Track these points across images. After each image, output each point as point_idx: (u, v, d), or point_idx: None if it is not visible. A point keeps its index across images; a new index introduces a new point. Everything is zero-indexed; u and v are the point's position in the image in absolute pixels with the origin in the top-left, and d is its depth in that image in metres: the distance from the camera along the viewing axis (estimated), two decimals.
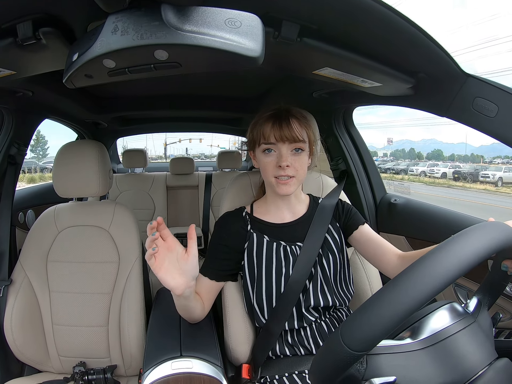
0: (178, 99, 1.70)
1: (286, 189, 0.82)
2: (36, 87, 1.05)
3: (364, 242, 0.91)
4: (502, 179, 15.00)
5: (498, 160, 19.31)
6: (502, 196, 12.54)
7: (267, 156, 0.84)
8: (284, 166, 0.80)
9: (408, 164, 20.66)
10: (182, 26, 0.45)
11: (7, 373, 1.04)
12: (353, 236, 0.92)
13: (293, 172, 0.82)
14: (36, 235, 1.11)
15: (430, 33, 0.64)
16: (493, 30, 48.44)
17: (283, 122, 0.81)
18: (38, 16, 0.57)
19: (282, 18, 0.60)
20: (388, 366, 0.45)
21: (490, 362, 0.46)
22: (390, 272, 0.87)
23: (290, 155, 0.82)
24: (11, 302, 1.03)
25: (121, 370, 1.08)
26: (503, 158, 20.44)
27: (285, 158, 0.81)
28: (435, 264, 0.42)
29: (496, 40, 30.23)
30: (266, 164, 0.84)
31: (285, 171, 0.81)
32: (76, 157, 1.11)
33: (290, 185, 0.82)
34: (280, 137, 0.81)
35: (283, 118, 0.82)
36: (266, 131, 0.82)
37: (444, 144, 45.26)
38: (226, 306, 0.92)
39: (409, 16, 0.60)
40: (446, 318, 0.50)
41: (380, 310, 0.41)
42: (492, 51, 52.51)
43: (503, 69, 30.99)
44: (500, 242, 0.46)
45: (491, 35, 48.14)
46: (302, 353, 0.86)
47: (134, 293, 1.07)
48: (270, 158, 0.83)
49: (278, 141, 0.81)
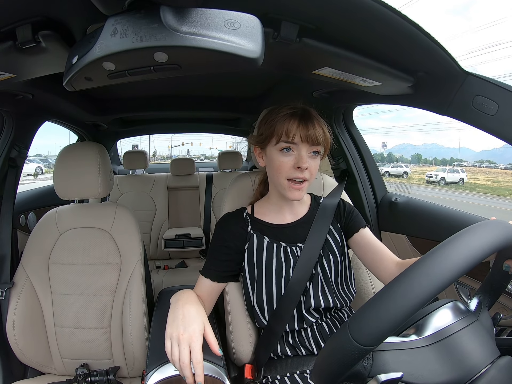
0: (178, 100, 1.70)
1: (298, 194, 0.81)
2: (36, 90, 1.05)
3: (364, 246, 0.89)
4: (444, 179, 17.38)
5: (464, 163, 20.37)
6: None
7: (285, 156, 0.80)
8: (304, 168, 0.78)
9: (379, 165, 21.22)
10: (181, 28, 0.45)
11: (10, 375, 1.04)
12: (353, 238, 0.91)
13: (308, 175, 0.80)
14: (37, 237, 1.12)
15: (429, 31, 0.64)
16: (495, 35, 48.53)
17: (309, 122, 0.79)
18: (38, 19, 0.57)
19: (281, 19, 0.60)
20: (394, 363, 0.45)
21: (493, 360, 0.46)
22: (386, 279, 0.85)
23: (308, 157, 0.80)
24: (13, 304, 1.03)
25: (124, 372, 1.08)
26: (468, 162, 21.79)
27: (305, 160, 0.78)
28: (443, 259, 0.42)
29: (498, 46, 30.23)
30: (282, 164, 0.80)
31: (302, 173, 0.79)
32: (77, 159, 1.11)
33: (302, 190, 0.81)
34: (306, 137, 0.78)
35: (308, 119, 0.79)
36: (291, 129, 0.78)
37: (445, 149, 45.20)
38: (228, 306, 0.92)
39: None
40: (449, 316, 0.50)
41: (388, 304, 0.41)
42: (494, 57, 52.43)
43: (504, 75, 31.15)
44: (503, 239, 0.46)
45: (493, 41, 48.12)
46: (304, 353, 0.86)
47: (136, 294, 1.07)
48: (288, 158, 0.80)
49: (303, 141, 0.79)
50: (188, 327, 0.67)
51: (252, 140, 0.89)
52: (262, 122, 0.86)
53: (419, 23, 0.61)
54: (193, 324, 0.68)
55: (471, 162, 23.72)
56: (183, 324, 0.68)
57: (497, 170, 19.45)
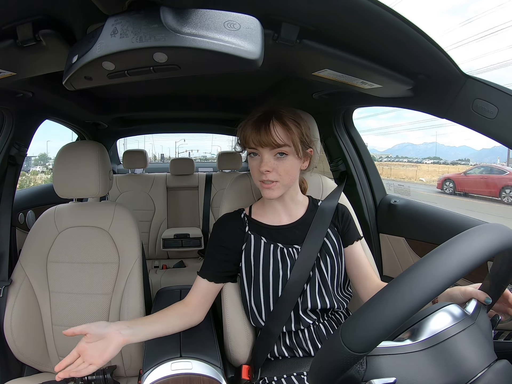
0: (178, 100, 1.71)
1: (270, 193, 0.82)
2: (36, 88, 1.05)
3: (353, 260, 0.91)
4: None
5: (426, 160, 20.62)
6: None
7: (252, 160, 0.83)
8: (263, 171, 0.79)
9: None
10: (181, 29, 0.45)
11: (7, 373, 1.04)
12: (345, 250, 0.92)
13: (275, 177, 0.80)
14: (36, 235, 1.12)
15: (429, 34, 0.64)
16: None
17: (262, 127, 0.79)
18: (38, 18, 0.57)
19: (281, 20, 0.60)
20: (388, 367, 0.45)
21: (490, 364, 0.46)
22: (365, 296, 0.89)
23: (273, 159, 0.80)
24: (11, 302, 1.03)
25: (121, 371, 1.08)
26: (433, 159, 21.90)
27: (265, 163, 0.79)
28: (436, 265, 0.42)
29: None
30: (252, 167, 0.84)
31: (266, 176, 0.80)
32: (76, 158, 1.11)
33: (273, 189, 0.81)
34: (258, 142, 0.79)
35: (263, 123, 0.80)
36: (246, 135, 0.81)
37: (446, 147, 45.15)
38: (226, 307, 0.92)
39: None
40: (445, 319, 0.50)
41: (380, 310, 0.41)
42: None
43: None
44: (500, 243, 0.46)
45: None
46: (301, 355, 0.86)
47: (134, 293, 1.07)
48: (255, 162, 0.82)
49: (257, 146, 0.80)
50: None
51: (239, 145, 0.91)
52: (238, 129, 0.87)
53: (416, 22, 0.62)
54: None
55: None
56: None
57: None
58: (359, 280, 0.90)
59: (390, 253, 1.39)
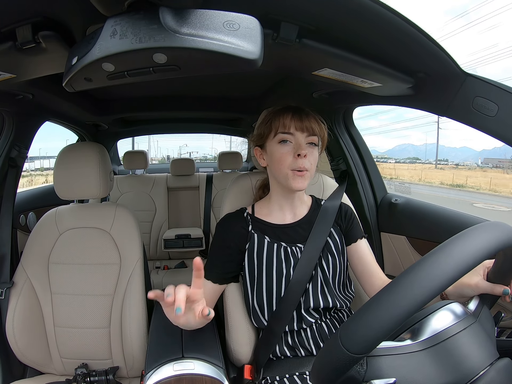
0: (178, 100, 1.71)
1: (302, 182, 0.81)
2: (36, 90, 1.05)
3: (357, 257, 0.91)
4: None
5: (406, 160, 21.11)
6: None
7: (284, 146, 0.82)
8: (303, 154, 0.80)
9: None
10: (181, 29, 0.45)
11: (9, 375, 1.04)
12: (349, 247, 0.92)
13: (308, 164, 0.81)
14: (37, 237, 1.12)
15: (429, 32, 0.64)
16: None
17: (303, 114, 0.83)
18: (38, 19, 0.57)
19: (280, 20, 0.60)
20: (389, 368, 0.45)
21: (492, 362, 0.46)
22: (371, 293, 0.89)
23: (306, 147, 0.83)
24: (13, 304, 1.03)
25: (123, 372, 1.08)
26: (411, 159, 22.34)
27: (304, 147, 0.81)
28: (434, 266, 0.42)
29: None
30: (283, 155, 0.82)
31: (303, 162, 0.80)
32: (77, 159, 1.11)
33: (305, 178, 0.82)
34: (300, 127, 0.81)
35: (301, 111, 0.83)
36: (286, 121, 0.82)
37: (447, 148, 45.17)
38: (228, 307, 0.92)
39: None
40: (447, 318, 0.50)
41: (378, 312, 0.41)
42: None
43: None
44: (500, 242, 0.46)
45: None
46: (303, 354, 0.86)
47: (135, 294, 1.07)
48: (287, 148, 0.82)
49: (298, 130, 0.82)
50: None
51: (253, 140, 0.91)
52: (260, 122, 0.89)
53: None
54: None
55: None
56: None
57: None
58: (365, 278, 0.90)
59: (392, 252, 1.38)
